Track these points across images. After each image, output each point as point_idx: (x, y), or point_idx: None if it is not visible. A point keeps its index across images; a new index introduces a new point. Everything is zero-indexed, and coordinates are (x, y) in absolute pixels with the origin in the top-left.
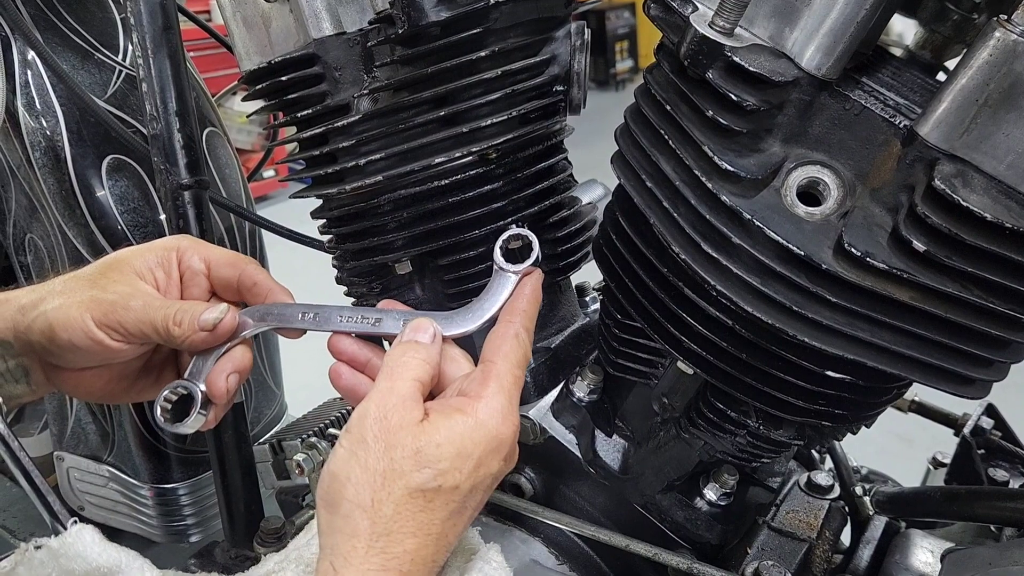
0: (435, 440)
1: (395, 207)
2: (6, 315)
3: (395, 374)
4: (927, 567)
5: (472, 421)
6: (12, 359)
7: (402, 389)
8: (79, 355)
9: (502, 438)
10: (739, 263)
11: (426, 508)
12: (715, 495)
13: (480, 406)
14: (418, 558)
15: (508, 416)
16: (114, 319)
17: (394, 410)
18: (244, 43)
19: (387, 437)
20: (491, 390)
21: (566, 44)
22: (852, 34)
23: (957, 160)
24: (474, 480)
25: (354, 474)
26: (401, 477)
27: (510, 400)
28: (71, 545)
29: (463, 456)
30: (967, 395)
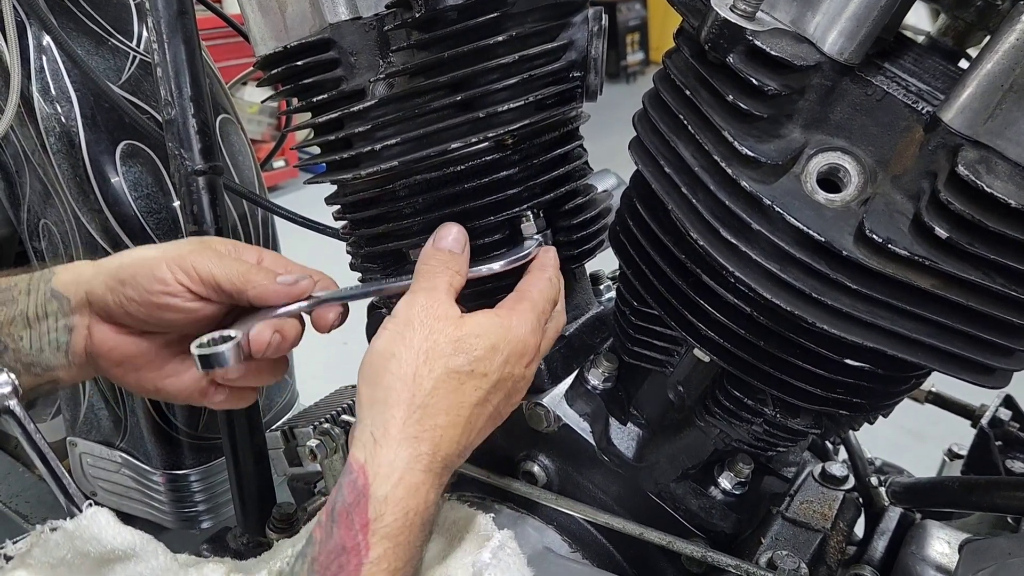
0: (474, 331)
1: (410, 193)
2: (75, 269)
3: (434, 277)
4: (944, 558)
5: (506, 324)
6: (63, 317)
7: (442, 288)
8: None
9: (529, 346)
10: (758, 249)
11: (459, 389)
12: (730, 484)
13: (514, 315)
14: (447, 436)
15: (536, 331)
16: (187, 262)
17: (439, 303)
18: (259, 28)
19: (432, 323)
20: (524, 307)
21: (584, 30)
22: (875, 19)
23: (981, 146)
24: (501, 374)
25: (399, 350)
26: (442, 357)
27: (539, 320)
28: (86, 528)
29: (495, 350)
30: (987, 384)
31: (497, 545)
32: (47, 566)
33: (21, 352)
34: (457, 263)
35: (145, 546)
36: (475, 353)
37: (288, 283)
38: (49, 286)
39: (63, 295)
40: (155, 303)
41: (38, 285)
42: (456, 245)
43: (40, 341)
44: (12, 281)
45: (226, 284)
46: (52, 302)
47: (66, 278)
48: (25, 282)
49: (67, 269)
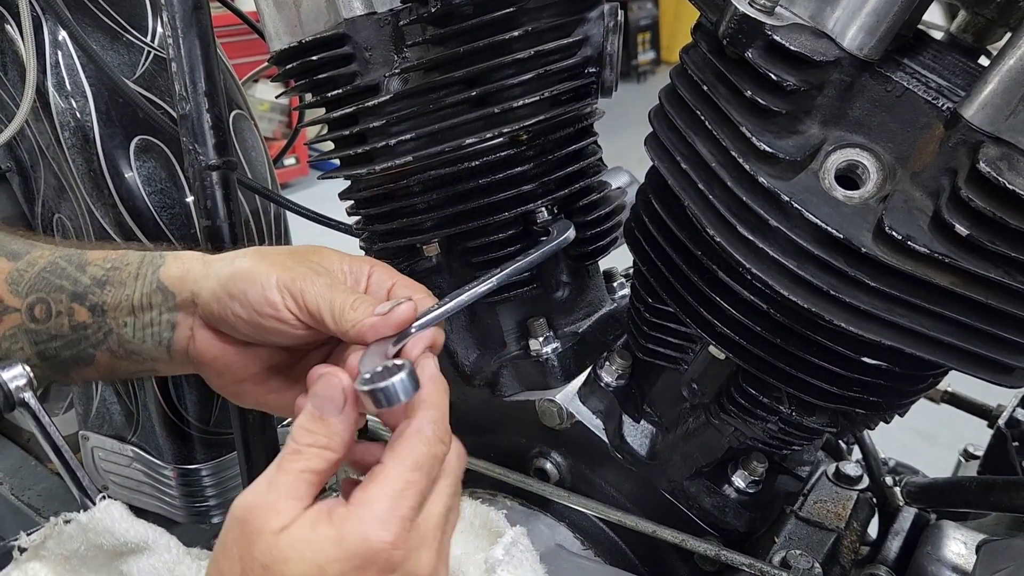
0: (286, 555)
1: (424, 188)
2: (185, 263)
3: (284, 463)
4: (960, 559)
5: (334, 535)
6: (167, 312)
7: (285, 484)
8: (242, 313)
9: (372, 551)
10: (775, 246)
11: None
12: (743, 482)
13: (351, 515)
14: None
15: (383, 527)
16: (297, 288)
17: (259, 511)
18: (274, 23)
19: (243, 543)
20: (370, 496)
21: (599, 25)
22: (895, 14)
23: (1002, 143)
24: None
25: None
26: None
27: (391, 509)
28: (100, 520)
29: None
30: (1006, 384)
31: (510, 542)
32: (60, 558)
33: (124, 339)
34: (326, 432)
35: (157, 539)
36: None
37: (382, 312)
38: (156, 276)
39: (169, 290)
40: (262, 324)
41: (146, 272)
42: (329, 406)
43: (143, 332)
44: (124, 259)
45: (329, 320)
46: (157, 294)
47: (174, 272)
48: (136, 264)
49: (177, 259)
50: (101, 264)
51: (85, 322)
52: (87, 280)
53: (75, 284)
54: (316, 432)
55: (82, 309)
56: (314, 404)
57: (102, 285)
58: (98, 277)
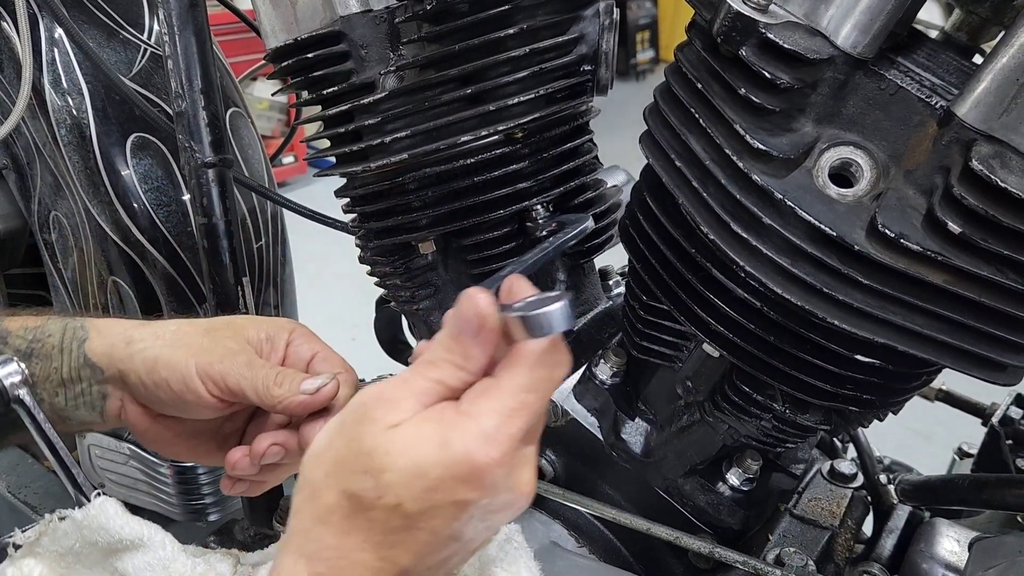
0: (390, 448)
1: (420, 186)
2: (109, 339)
3: (420, 368)
4: (953, 556)
5: (439, 438)
6: (96, 384)
7: (416, 386)
8: (167, 398)
9: (474, 465)
10: (769, 244)
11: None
12: (738, 480)
13: (459, 423)
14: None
15: (490, 443)
16: (217, 371)
17: (386, 403)
18: (270, 20)
19: (358, 426)
20: (481, 409)
21: (595, 23)
22: (889, 12)
23: (995, 141)
24: (424, 504)
25: (319, 450)
26: (349, 473)
27: (500, 426)
28: (94, 517)
29: (412, 474)
30: (999, 382)
31: (504, 539)
32: (55, 555)
33: (57, 407)
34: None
35: (152, 536)
36: (383, 477)
37: (309, 391)
38: (83, 351)
39: (96, 365)
40: (187, 407)
41: (71, 345)
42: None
43: (76, 401)
44: (46, 330)
45: (252, 394)
46: (86, 368)
47: (99, 348)
48: (58, 335)
49: (100, 334)
50: (23, 335)
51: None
52: (11, 352)
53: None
54: (453, 350)
55: None
56: (452, 323)
57: (27, 357)
58: (22, 349)
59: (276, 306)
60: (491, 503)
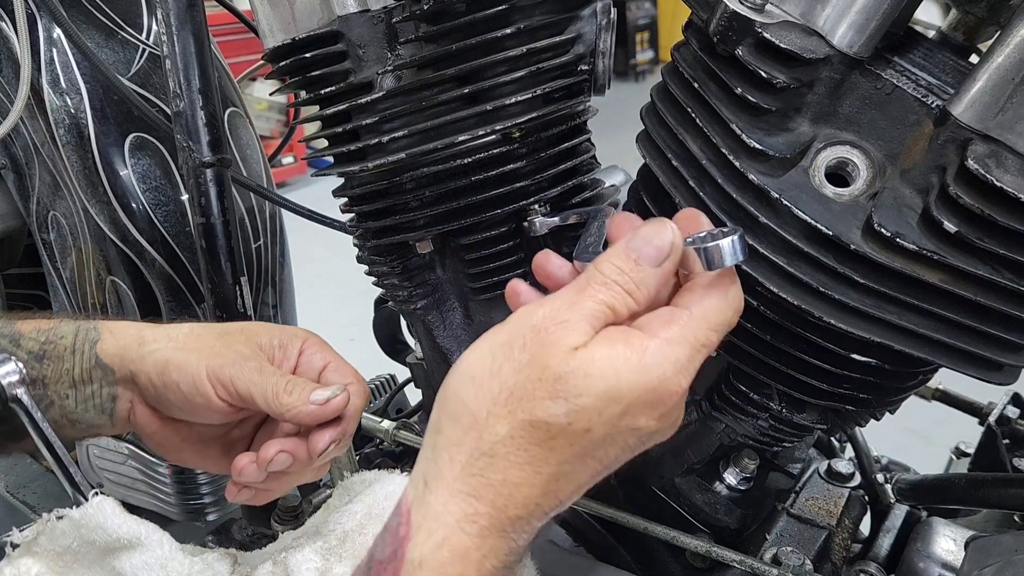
0: (585, 369)
1: (417, 185)
2: (122, 340)
3: (589, 289)
4: (949, 555)
5: (636, 361)
6: (107, 386)
7: (585, 308)
8: (176, 400)
9: (666, 392)
10: (765, 243)
11: (544, 442)
12: (735, 479)
13: (652, 346)
14: (518, 494)
15: (682, 373)
16: (227, 375)
17: (561, 326)
18: (268, 20)
19: (536, 350)
20: (673, 334)
21: (592, 23)
22: (885, 12)
23: (991, 140)
24: (611, 429)
25: (481, 375)
26: (531, 400)
27: (691, 357)
28: (92, 516)
29: (609, 398)
30: (995, 381)
31: None
32: (53, 554)
33: (67, 409)
34: (637, 277)
35: (150, 535)
36: (579, 401)
37: (319, 402)
38: (94, 352)
39: (108, 366)
40: (196, 411)
41: (83, 347)
42: (651, 252)
43: (86, 403)
44: (58, 332)
45: (262, 404)
46: (97, 370)
47: (111, 349)
48: (70, 336)
49: (113, 335)
50: (35, 337)
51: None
52: (23, 355)
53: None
54: (627, 273)
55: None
56: (633, 245)
57: (39, 359)
58: (34, 351)
59: (274, 306)
60: (659, 430)
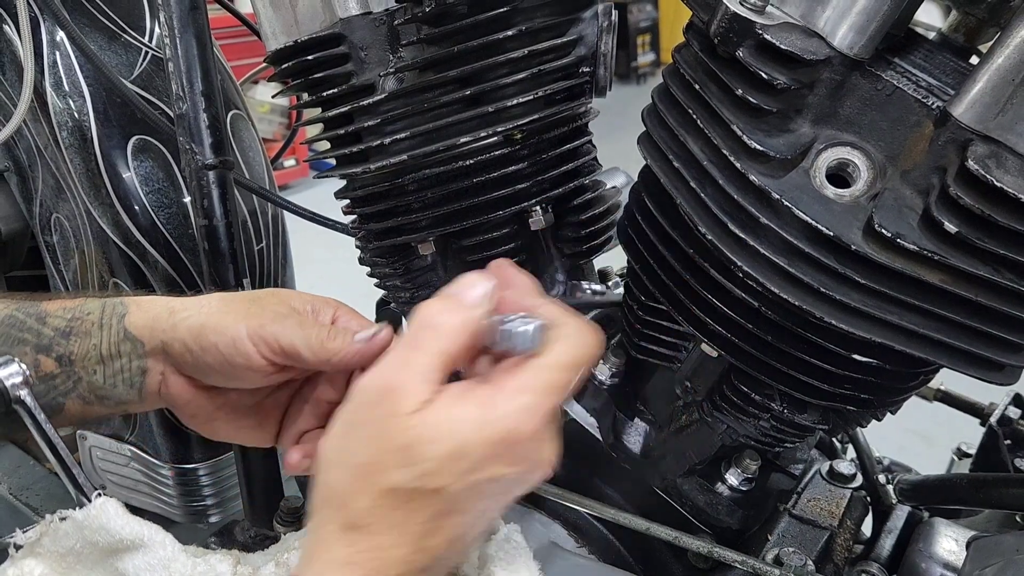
0: (428, 435)
1: (419, 187)
2: (151, 312)
3: (417, 342)
4: (951, 555)
5: (478, 416)
6: (137, 359)
7: (419, 364)
8: (215, 362)
9: (514, 440)
10: (767, 244)
11: (402, 506)
12: (737, 480)
13: (495, 398)
14: (390, 556)
15: (531, 418)
16: (269, 332)
17: (394, 393)
18: (270, 22)
19: (378, 424)
20: (519, 383)
21: (593, 25)
22: (886, 13)
23: (991, 141)
24: (465, 484)
25: (338, 459)
26: (383, 471)
27: (539, 402)
28: (95, 517)
29: (457, 456)
30: (997, 381)
31: (503, 538)
32: (56, 555)
33: (95, 385)
34: (462, 316)
35: (153, 536)
36: (425, 466)
37: (365, 339)
38: (122, 325)
39: (137, 338)
40: (235, 373)
41: (111, 321)
42: (471, 293)
43: (114, 378)
44: (85, 308)
45: (308, 354)
46: (126, 343)
47: (140, 321)
48: (97, 312)
49: (141, 308)
50: (61, 315)
51: (53, 372)
52: (49, 332)
53: (38, 336)
54: (453, 312)
55: (48, 360)
56: (450, 291)
57: (66, 336)
58: (60, 328)
59: None
60: (521, 476)
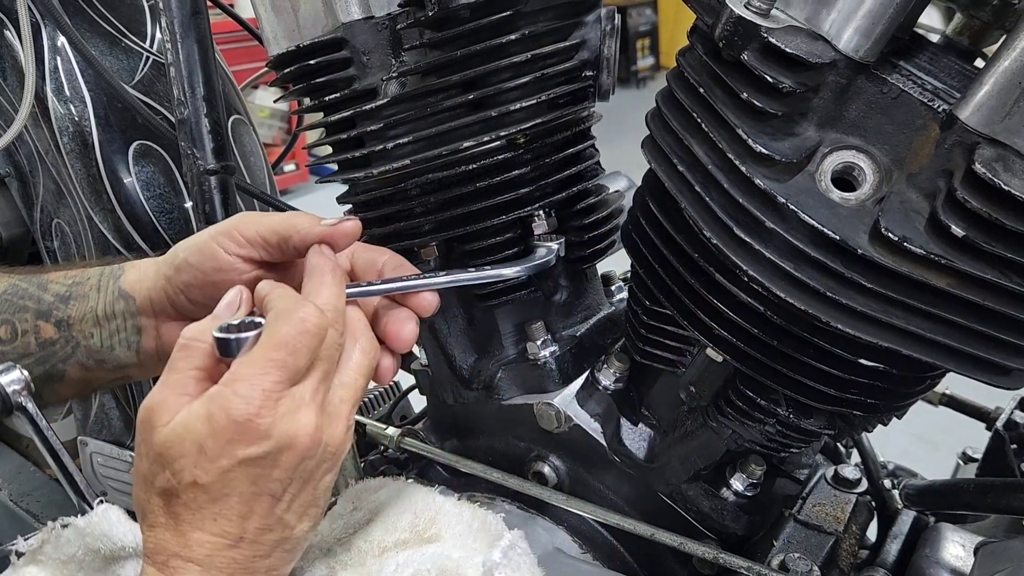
0: (171, 439)
1: (422, 192)
2: (142, 269)
3: (174, 362)
4: (959, 561)
5: (204, 413)
6: (131, 318)
7: (172, 383)
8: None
9: (237, 424)
10: (772, 248)
11: (170, 504)
12: (742, 485)
13: (218, 394)
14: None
15: (245, 401)
16: (230, 228)
17: (154, 411)
18: (272, 28)
19: (145, 441)
20: (233, 374)
21: (596, 29)
22: (891, 16)
23: (998, 144)
24: (216, 472)
25: (135, 475)
26: (153, 478)
27: (253, 384)
28: (97, 524)
29: (198, 451)
30: (1003, 385)
31: (508, 545)
32: (58, 562)
33: (92, 349)
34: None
35: None
36: (176, 464)
37: (331, 224)
38: (117, 284)
39: (129, 295)
40: (211, 281)
41: (107, 283)
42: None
43: (111, 339)
44: (85, 275)
45: (271, 236)
46: (120, 301)
47: (132, 277)
48: (96, 277)
49: (135, 267)
50: (62, 281)
51: (52, 338)
52: (50, 298)
53: (39, 303)
54: (205, 331)
55: (47, 326)
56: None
57: (66, 300)
58: (61, 293)
59: None
60: (279, 453)
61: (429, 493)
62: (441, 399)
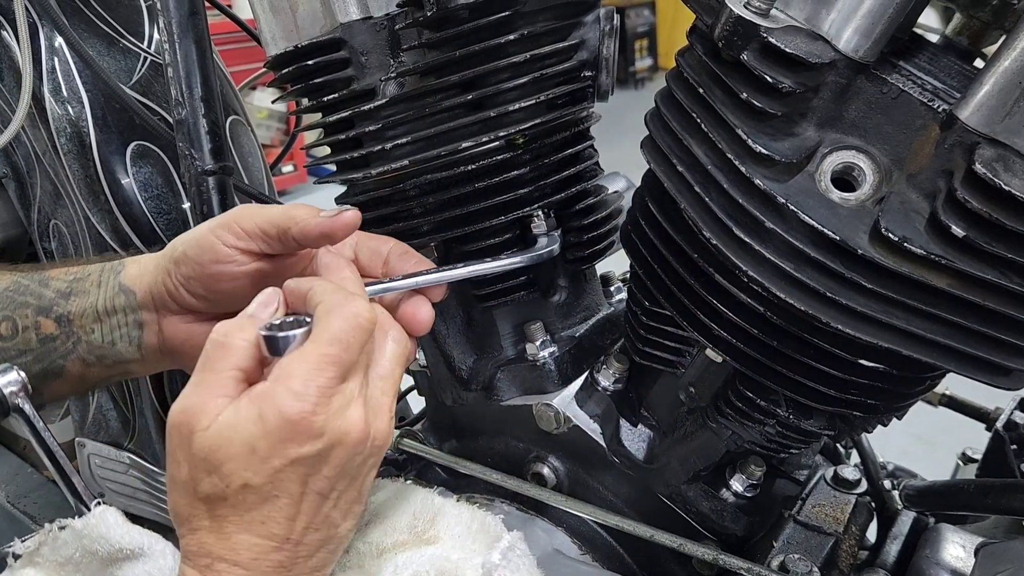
0: (217, 443)
1: (421, 192)
2: (140, 263)
3: (210, 362)
4: (959, 562)
5: (255, 413)
6: (132, 312)
7: (210, 383)
8: (190, 272)
9: (290, 424)
10: (772, 248)
11: (217, 509)
12: (741, 486)
13: (268, 392)
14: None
15: (299, 399)
16: (231, 223)
17: (191, 416)
18: (270, 28)
19: (183, 447)
20: (283, 371)
21: (595, 29)
22: (890, 16)
23: (998, 144)
24: (267, 473)
25: (169, 483)
26: (197, 483)
27: (308, 380)
28: (95, 526)
29: (247, 452)
30: (1004, 386)
31: (507, 546)
32: (55, 564)
33: (93, 344)
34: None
35: (153, 545)
36: (224, 468)
37: (330, 215)
38: (118, 279)
39: (130, 289)
40: (210, 274)
41: (108, 278)
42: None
43: (112, 335)
44: (87, 271)
45: (270, 228)
46: (120, 296)
47: (133, 272)
48: (97, 273)
49: (135, 262)
50: (63, 278)
51: (52, 334)
52: (51, 294)
53: (39, 299)
54: (244, 329)
55: (48, 321)
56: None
57: (66, 296)
58: (62, 290)
59: None
60: (331, 450)
61: (428, 494)
62: (440, 400)
